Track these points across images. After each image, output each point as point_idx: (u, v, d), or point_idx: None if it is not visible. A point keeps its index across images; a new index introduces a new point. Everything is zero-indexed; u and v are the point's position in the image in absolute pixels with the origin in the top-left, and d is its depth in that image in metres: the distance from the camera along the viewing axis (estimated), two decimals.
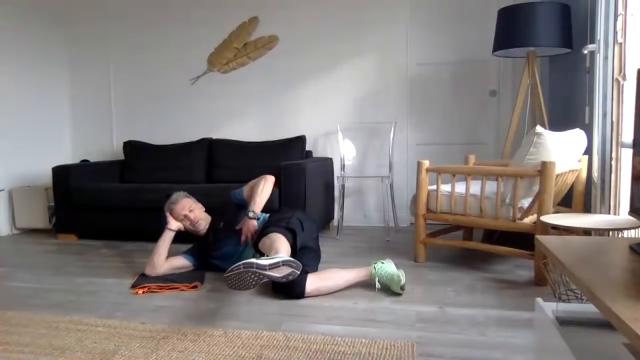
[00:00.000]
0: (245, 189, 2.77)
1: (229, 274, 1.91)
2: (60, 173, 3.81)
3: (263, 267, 1.90)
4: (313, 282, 2.31)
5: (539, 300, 1.29)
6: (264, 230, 2.48)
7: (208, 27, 4.40)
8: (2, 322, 2.09)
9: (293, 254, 2.38)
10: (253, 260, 1.92)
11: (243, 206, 2.71)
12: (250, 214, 2.61)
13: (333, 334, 1.89)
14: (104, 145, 4.78)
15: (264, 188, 2.68)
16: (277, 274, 1.93)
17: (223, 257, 2.68)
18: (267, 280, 1.95)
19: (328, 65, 4.20)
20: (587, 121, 2.73)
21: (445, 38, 3.99)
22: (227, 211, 2.75)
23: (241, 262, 1.91)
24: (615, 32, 2.37)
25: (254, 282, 1.92)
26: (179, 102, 4.57)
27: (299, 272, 1.99)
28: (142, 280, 2.59)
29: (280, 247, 2.20)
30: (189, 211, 2.73)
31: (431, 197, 2.87)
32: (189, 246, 2.82)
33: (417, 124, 4.12)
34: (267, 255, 2.19)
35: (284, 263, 1.95)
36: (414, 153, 4.11)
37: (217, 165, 4.14)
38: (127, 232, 3.71)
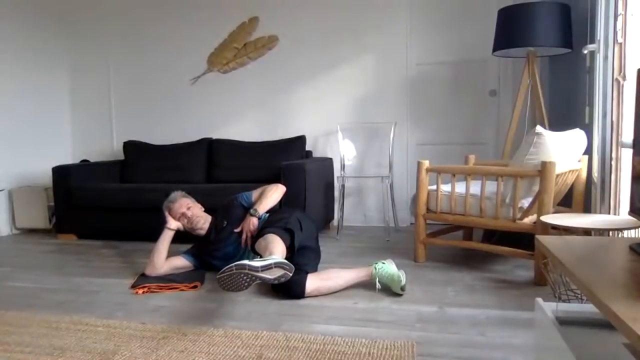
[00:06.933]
0: (255, 193, 2.80)
1: (221, 275, 1.92)
2: (60, 173, 3.81)
3: (255, 269, 1.90)
4: (313, 282, 2.31)
5: (539, 300, 1.29)
6: (261, 230, 2.49)
7: (208, 27, 4.40)
8: (2, 322, 2.09)
9: (291, 254, 2.39)
10: (245, 261, 1.92)
11: (249, 209, 2.71)
12: (252, 211, 2.63)
13: (333, 334, 1.89)
14: (104, 145, 4.78)
15: (274, 194, 2.74)
16: (269, 275, 1.93)
17: (224, 257, 2.68)
18: (259, 281, 1.95)
19: (328, 65, 4.21)
20: (587, 121, 2.73)
21: (445, 38, 3.99)
22: (232, 212, 2.75)
23: (233, 264, 1.91)
24: (615, 32, 2.37)
25: (246, 284, 1.92)
26: (179, 102, 4.57)
27: (291, 274, 1.99)
28: (142, 280, 2.59)
29: (275, 248, 2.21)
30: (187, 209, 2.74)
31: (431, 197, 2.86)
32: (189, 246, 2.82)
33: (417, 124, 4.12)
34: (261, 257, 2.19)
35: (277, 265, 1.95)
36: (414, 153, 4.10)
37: (217, 165, 4.14)
38: (127, 232, 3.70)
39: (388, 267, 2.41)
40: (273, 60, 4.30)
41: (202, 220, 2.76)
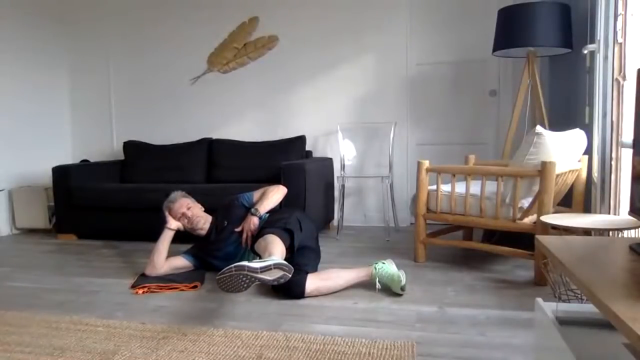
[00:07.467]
0: (256, 194, 2.81)
1: (220, 276, 1.92)
2: (60, 173, 3.81)
3: (254, 270, 1.90)
4: (313, 282, 2.31)
5: (539, 300, 1.29)
6: (261, 230, 2.49)
7: (208, 27, 4.40)
8: (2, 322, 2.09)
9: (291, 254, 2.39)
10: (245, 262, 1.92)
11: (250, 209, 2.71)
12: (253, 211, 2.64)
13: (333, 334, 1.89)
14: (104, 145, 4.78)
15: (274, 195, 2.75)
16: (268, 277, 1.93)
17: (225, 257, 2.67)
18: (259, 282, 1.95)
19: (328, 65, 4.21)
20: (587, 121, 2.73)
21: (445, 38, 3.99)
22: (232, 212, 2.75)
23: (233, 265, 1.91)
24: (615, 32, 2.37)
25: (245, 285, 1.93)
26: (179, 102, 4.57)
27: (290, 275, 1.99)
28: (142, 280, 2.59)
29: (275, 249, 2.20)
30: (187, 209, 2.74)
31: (431, 197, 2.86)
32: (189, 246, 2.82)
33: (417, 124, 4.12)
34: (261, 257, 2.19)
35: (276, 266, 1.95)
36: (414, 153, 4.11)
37: (217, 165, 4.14)
38: (127, 232, 3.70)
39: (388, 267, 2.41)
40: (273, 60, 4.30)
41: (203, 220, 2.76)
